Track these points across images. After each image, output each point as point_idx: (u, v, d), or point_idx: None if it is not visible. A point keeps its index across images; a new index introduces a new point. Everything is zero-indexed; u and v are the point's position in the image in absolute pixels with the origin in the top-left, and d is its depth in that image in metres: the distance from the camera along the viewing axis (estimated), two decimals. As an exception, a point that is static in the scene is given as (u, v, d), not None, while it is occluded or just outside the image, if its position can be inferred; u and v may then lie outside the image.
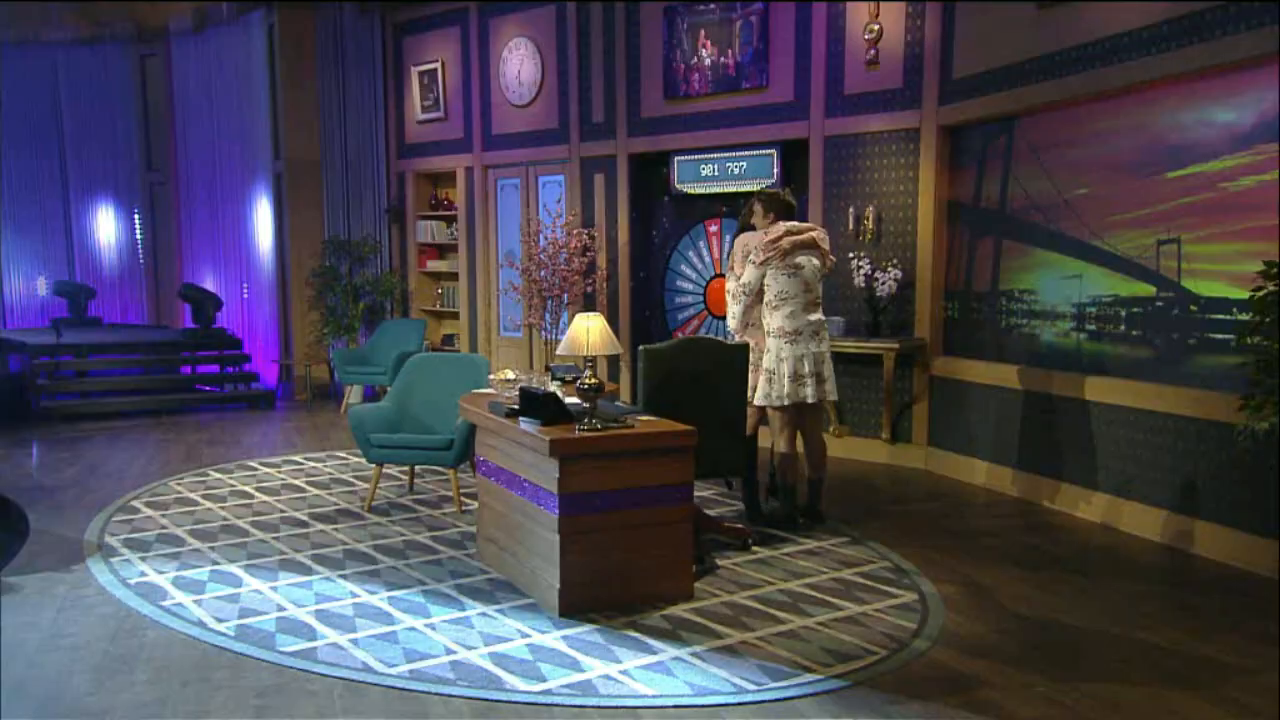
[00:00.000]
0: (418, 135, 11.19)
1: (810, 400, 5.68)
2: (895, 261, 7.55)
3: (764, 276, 5.67)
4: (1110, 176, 6.00)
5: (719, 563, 5.20)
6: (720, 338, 6.31)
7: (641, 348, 5.14)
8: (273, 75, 11.75)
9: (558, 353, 4.89)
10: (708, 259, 9.15)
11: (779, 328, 5.65)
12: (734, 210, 8.79)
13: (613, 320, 9.45)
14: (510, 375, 5.43)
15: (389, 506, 6.41)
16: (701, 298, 9.24)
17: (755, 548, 5.45)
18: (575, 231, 9.27)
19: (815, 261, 5.71)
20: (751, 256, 5.72)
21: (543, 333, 9.48)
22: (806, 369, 5.63)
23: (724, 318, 8.93)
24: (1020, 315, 6.82)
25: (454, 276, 11.07)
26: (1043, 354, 6.59)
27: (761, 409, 5.85)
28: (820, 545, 5.57)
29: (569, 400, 4.82)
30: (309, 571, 5.10)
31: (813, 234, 5.72)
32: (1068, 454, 6.30)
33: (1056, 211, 6.42)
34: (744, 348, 5.42)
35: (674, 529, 4.60)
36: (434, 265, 11.28)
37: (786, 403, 5.63)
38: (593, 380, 4.59)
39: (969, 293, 7.32)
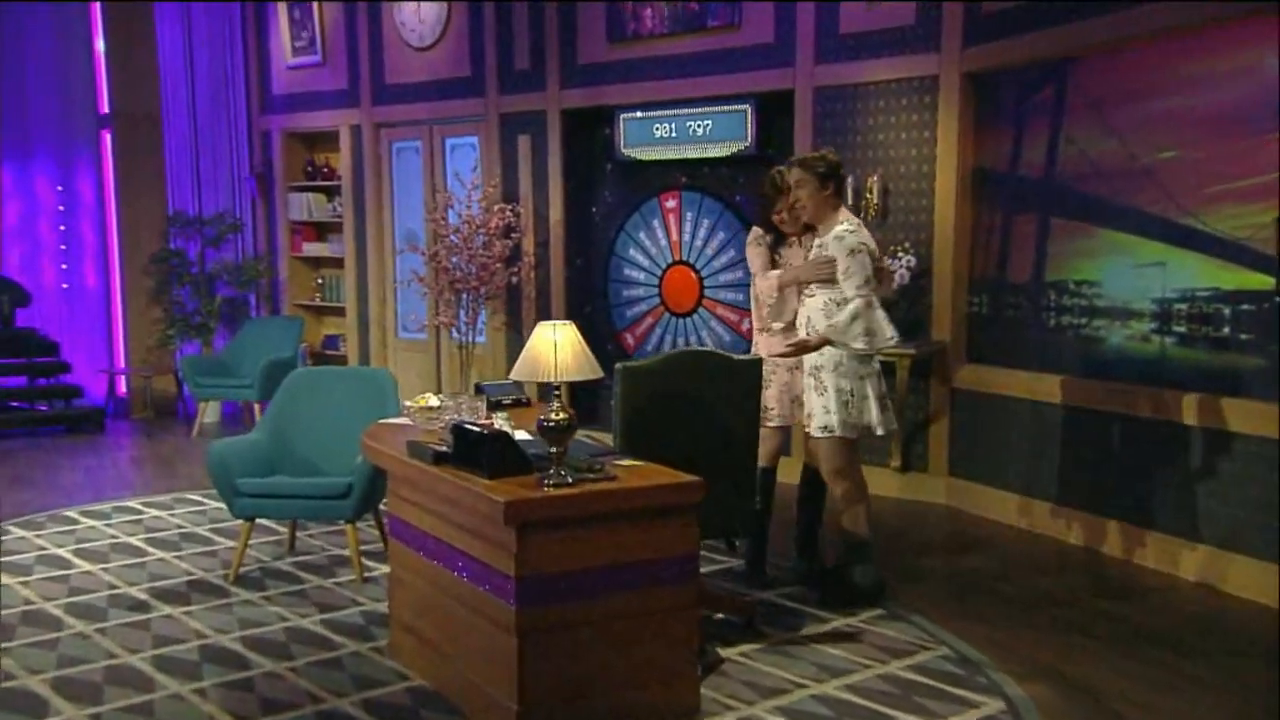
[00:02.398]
0: (288, 84, 10.47)
1: (894, 428, 5.38)
2: (907, 245, 7.02)
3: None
4: (1208, 135, 5.44)
5: (720, 652, 4.44)
6: (726, 351, 5.61)
7: (620, 366, 4.44)
8: (100, 9, 10.65)
9: (512, 377, 4.04)
10: (664, 242, 8.47)
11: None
12: (696, 180, 8.17)
13: (542, 319, 8.73)
14: (434, 401, 4.61)
15: (263, 575, 5.53)
16: (656, 290, 8.59)
17: (763, 627, 4.73)
18: (496, 208, 8.53)
19: None
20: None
21: (454, 335, 8.71)
22: (884, 389, 5.16)
23: (685, 316, 8.37)
24: (1077, 313, 6.25)
25: (338, 263, 10.45)
26: (1110, 362, 6.02)
27: (782, 431, 5.31)
28: (849, 623, 4.83)
29: (519, 437, 4.05)
30: (148, 686, 4.20)
31: None
32: (1149, 492, 5.73)
33: (1129, 181, 5.86)
34: (755, 363, 4.71)
35: (674, 618, 3.89)
36: (312, 249, 10.69)
37: (880, 432, 5.14)
38: (561, 415, 3.73)
39: (1003, 284, 6.77)
